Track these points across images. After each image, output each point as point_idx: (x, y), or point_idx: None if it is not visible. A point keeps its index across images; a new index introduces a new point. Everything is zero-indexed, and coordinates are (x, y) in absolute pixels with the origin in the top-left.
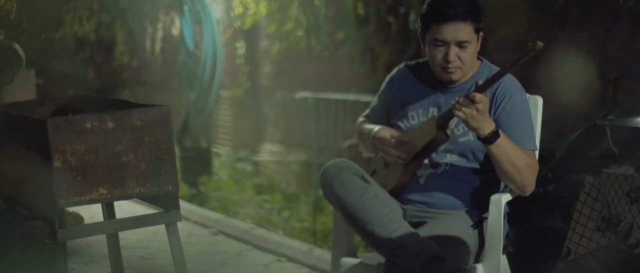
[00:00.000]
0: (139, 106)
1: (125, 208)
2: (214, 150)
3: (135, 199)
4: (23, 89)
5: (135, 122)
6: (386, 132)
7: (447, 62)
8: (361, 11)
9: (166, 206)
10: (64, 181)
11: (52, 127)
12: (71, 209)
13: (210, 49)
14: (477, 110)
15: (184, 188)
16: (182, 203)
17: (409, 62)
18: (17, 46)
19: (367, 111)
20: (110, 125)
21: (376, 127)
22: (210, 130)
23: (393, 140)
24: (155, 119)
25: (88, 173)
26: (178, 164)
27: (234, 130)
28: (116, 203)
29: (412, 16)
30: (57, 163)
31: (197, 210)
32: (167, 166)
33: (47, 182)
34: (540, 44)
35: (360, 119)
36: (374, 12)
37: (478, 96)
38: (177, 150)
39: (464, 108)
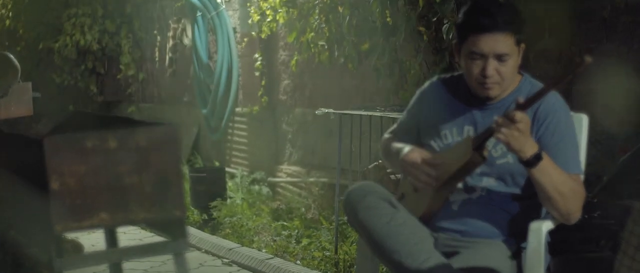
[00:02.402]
0: (144, 124)
1: (130, 235)
2: (228, 171)
3: (141, 225)
4: (18, 103)
5: (139, 141)
6: (417, 155)
7: (485, 76)
8: (389, 19)
9: (173, 234)
10: (62, 205)
11: (49, 147)
12: (70, 236)
13: (225, 60)
14: (518, 131)
15: (194, 214)
16: (193, 230)
17: (442, 76)
18: (11, 56)
19: (394, 127)
20: (112, 144)
21: (406, 148)
22: (224, 149)
23: (425, 165)
24: (161, 138)
25: (88, 196)
26: (188, 187)
27: (249, 150)
28: (120, 230)
29: (446, 25)
30: (55, 186)
31: (208, 238)
32: (174, 190)
33: (43, 206)
34: (588, 58)
35: (387, 135)
36: (404, 21)
37: (519, 115)
38: (187, 171)
39: (503, 128)
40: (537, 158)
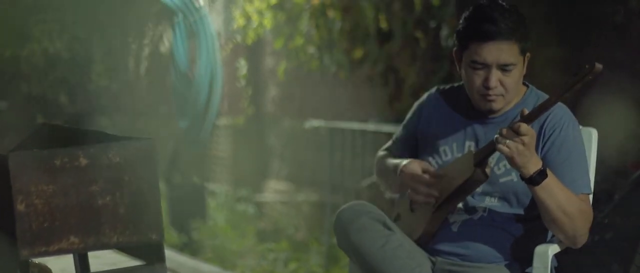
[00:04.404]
0: (117, 139)
1: (104, 259)
2: (210, 188)
3: (115, 249)
4: None
5: (113, 158)
6: (417, 166)
7: (488, 88)
8: (384, 25)
9: (149, 258)
10: (29, 228)
11: (15, 164)
12: (37, 260)
13: (206, 68)
14: (523, 144)
15: (172, 236)
16: (171, 254)
17: (441, 86)
18: None
19: (389, 143)
20: (83, 162)
21: (404, 161)
22: (205, 164)
23: (426, 175)
24: (136, 154)
25: (57, 218)
26: (165, 206)
27: (233, 165)
28: (92, 254)
29: (445, 31)
30: (20, 207)
31: (188, 262)
32: (151, 211)
33: (8, 229)
34: (598, 66)
35: (381, 153)
36: (399, 26)
37: (524, 127)
38: (164, 188)
39: (508, 141)
40: (541, 175)
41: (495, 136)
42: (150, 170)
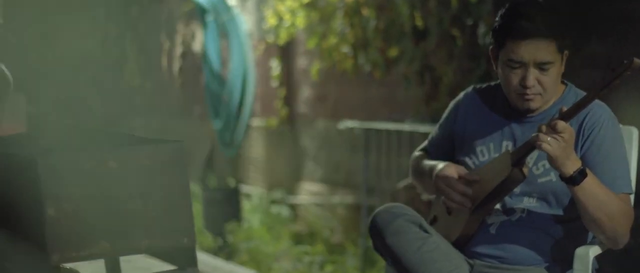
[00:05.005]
0: (147, 142)
1: (135, 263)
2: (244, 191)
3: (146, 253)
4: (10, 118)
5: (143, 161)
6: (452, 170)
7: (525, 87)
8: (419, 23)
9: (181, 262)
10: (58, 233)
11: (44, 168)
12: (67, 266)
13: (239, 68)
14: (564, 141)
15: (207, 239)
16: (206, 257)
17: (478, 86)
18: (2, 67)
19: (425, 144)
20: (113, 165)
21: (440, 164)
22: (239, 166)
23: (461, 180)
24: (167, 157)
25: (87, 223)
26: (200, 209)
27: (267, 167)
28: (123, 258)
29: (482, 28)
30: (50, 212)
31: (223, 266)
32: (182, 214)
33: (38, 234)
34: (637, 61)
35: (417, 153)
36: (435, 24)
37: (561, 124)
38: (199, 191)
39: (548, 138)
40: (581, 174)
41: (534, 134)
42: (181, 173)
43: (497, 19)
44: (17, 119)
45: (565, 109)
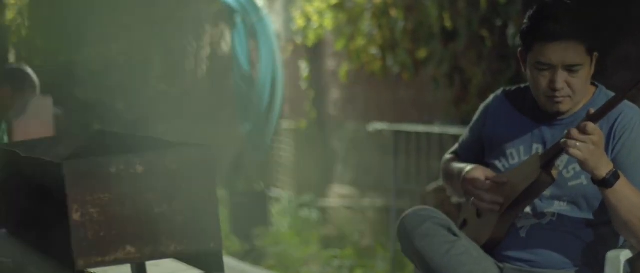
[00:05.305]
0: (174, 146)
1: (162, 267)
2: (272, 194)
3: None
4: (38, 122)
5: (169, 165)
6: (479, 173)
7: (554, 89)
8: (448, 24)
9: (208, 267)
10: (84, 238)
11: (70, 172)
12: (93, 271)
13: (268, 70)
14: (593, 144)
15: (235, 243)
16: (233, 262)
17: (507, 88)
18: (29, 70)
19: (456, 147)
20: (139, 169)
21: (468, 167)
22: (268, 169)
23: (488, 182)
24: (194, 161)
25: (113, 228)
26: (227, 213)
27: (296, 170)
28: (150, 262)
29: (511, 29)
30: (76, 216)
31: (251, 271)
32: (209, 218)
33: (63, 239)
34: None
35: (447, 156)
36: (464, 25)
37: (590, 126)
38: (227, 194)
39: (577, 142)
40: (613, 177)
41: (563, 138)
42: (208, 177)
43: (525, 20)
44: (43, 123)
45: (593, 110)
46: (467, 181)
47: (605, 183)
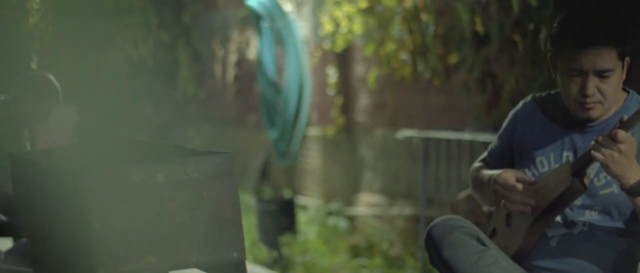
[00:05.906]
0: (196, 154)
1: None
2: (300, 202)
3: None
4: (60, 130)
5: (191, 174)
6: (510, 175)
7: (585, 95)
8: (480, 28)
9: None
10: (105, 247)
11: (90, 181)
12: None
13: (295, 76)
14: (620, 152)
15: (262, 252)
16: (260, 270)
17: (537, 95)
18: (51, 77)
19: (484, 155)
20: (160, 178)
21: (498, 171)
22: (295, 177)
23: (519, 184)
24: (216, 170)
25: (134, 237)
26: (255, 221)
27: (324, 178)
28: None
29: (544, 33)
30: (97, 225)
31: None
32: (232, 228)
33: (84, 248)
34: None
35: (476, 164)
36: (496, 29)
37: (621, 134)
38: (254, 202)
39: (604, 149)
40: None
41: (592, 144)
42: (231, 185)
43: (555, 25)
44: (67, 131)
45: (626, 118)
46: (498, 183)
47: (632, 191)
